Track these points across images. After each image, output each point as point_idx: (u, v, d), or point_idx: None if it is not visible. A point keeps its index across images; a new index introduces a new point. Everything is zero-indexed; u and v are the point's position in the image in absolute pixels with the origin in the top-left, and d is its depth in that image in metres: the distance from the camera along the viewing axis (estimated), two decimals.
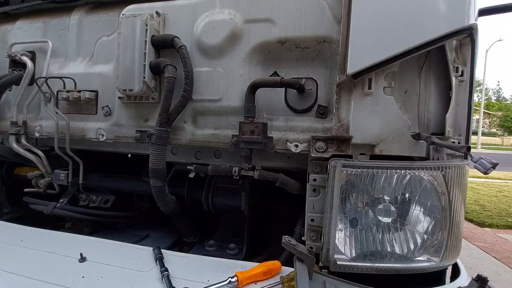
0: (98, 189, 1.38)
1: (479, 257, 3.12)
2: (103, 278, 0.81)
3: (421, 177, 0.79)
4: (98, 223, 1.39)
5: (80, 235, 1.13)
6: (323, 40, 0.92)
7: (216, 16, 1.01)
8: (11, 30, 1.32)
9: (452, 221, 0.79)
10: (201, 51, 1.03)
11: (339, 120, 0.87)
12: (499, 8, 1.19)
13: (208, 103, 1.03)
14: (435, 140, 0.76)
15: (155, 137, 0.99)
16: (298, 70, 0.96)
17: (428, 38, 0.77)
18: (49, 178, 1.29)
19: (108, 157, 1.32)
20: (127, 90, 1.02)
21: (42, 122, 1.25)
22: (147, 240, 1.32)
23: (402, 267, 0.80)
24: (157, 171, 1.01)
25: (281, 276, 0.81)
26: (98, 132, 1.15)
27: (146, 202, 1.55)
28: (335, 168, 0.80)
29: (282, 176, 0.99)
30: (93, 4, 1.24)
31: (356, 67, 0.81)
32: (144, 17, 1.00)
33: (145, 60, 1.01)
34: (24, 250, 0.95)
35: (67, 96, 1.14)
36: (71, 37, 1.22)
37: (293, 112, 0.97)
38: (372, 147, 0.84)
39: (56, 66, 1.23)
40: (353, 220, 0.82)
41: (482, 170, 0.64)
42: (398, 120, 0.82)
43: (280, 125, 0.97)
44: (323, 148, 0.87)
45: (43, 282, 0.79)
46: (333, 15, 0.90)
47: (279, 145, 0.95)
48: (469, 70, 0.86)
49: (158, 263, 0.87)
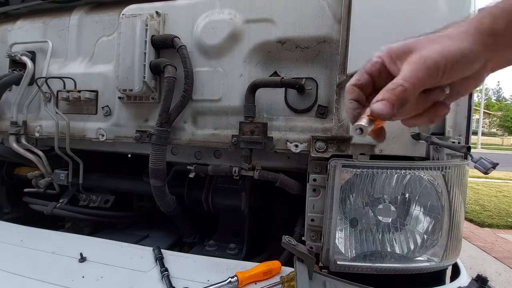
0: (98, 189, 1.38)
1: (479, 257, 3.12)
2: (103, 278, 0.81)
3: (421, 177, 0.79)
4: (98, 223, 1.39)
5: (80, 235, 1.13)
6: (323, 40, 0.92)
7: (216, 16, 1.01)
8: (11, 30, 1.32)
9: (452, 221, 0.79)
10: (201, 51, 1.03)
11: (339, 120, 0.87)
12: None
13: (208, 103, 1.03)
14: (435, 140, 0.76)
15: (155, 137, 0.99)
16: (298, 70, 0.96)
17: None
18: (49, 178, 1.29)
19: (108, 157, 1.32)
20: (127, 90, 1.02)
21: (42, 122, 1.25)
22: (147, 240, 1.31)
23: (402, 267, 0.80)
24: (157, 171, 1.01)
25: (281, 276, 0.81)
26: (98, 132, 1.15)
27: (146, 202, 1.55)
28: (335, 168, 0.80)
29: (282, 176, 0.99)
30: (93, 4, 1.24)
31: (356, 67, 0.81)
32: (144, 17, 1.00)
33: (145, 60, 1.01)
34: (24, 250, 0.95)
35: (67, 96, 1.14)
36: (71, 37, 1.22)
37: (293, 112, 0.97)
38: (372, 147, 0.84)
39: (56, 66, 1.23)
40: (353, 220, 0.82)
41: (482, 170, 0.64)
42: (398, 120, 0.82)
43: (280, 125, 0.97)
44: (323, 148, 0.87)
45: (43, 282, 0.79)
46: (333, 15, 0.90)
47: (279, 145, 0.95)
48: None
49: (158, 263, 0.87)
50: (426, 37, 0.42)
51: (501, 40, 0.39)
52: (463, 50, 0.39)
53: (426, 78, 0.40)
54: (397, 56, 0.43)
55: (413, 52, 0.41)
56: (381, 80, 0.45)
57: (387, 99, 0.40)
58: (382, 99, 0.40)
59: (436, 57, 0.39)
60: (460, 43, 0.39)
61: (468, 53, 0.39)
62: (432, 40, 0.41)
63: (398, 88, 0.39)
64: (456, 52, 0.39)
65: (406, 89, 0.39)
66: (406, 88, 0.39)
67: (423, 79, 0.40)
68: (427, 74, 0.39)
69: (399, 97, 0.39)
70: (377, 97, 0.41)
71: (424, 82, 0.40)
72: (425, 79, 0.40)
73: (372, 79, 0.46)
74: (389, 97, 0.40)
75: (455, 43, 0.39)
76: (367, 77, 0.46)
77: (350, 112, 0.47)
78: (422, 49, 0.40)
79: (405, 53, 0.42)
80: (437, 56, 0.39)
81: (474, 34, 0.39)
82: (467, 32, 0.40)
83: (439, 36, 0.41)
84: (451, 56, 0.39)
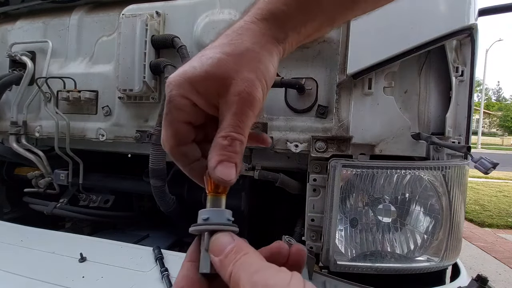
0: (98, 189, 1.38)
1: (479, 257, 3.12)
2: (103, 278, 0.81)
3: (421, 177, 0.79)
4: (98, 223, 1.39)
5: (80, 235, 1.13)
6: (323, 40, 0.92)
7: (216, 16, 1.01)
8: (11, 30, 1.32)
9: (452, 221, 0.79)
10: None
11: (339, 120, 0.87)
12: (499, 8, 1.19)
13: None
14: (435, 140, 0.76)
15: (155, 137, 0.99)
16: (298, 70, 0.96)
17: (428, 38, 0.77)
18: (49, 178, 1.28)
19: (108, 157, 1.32)
20: (127, 90, 1.02)
21: (42, 122, 1.25)
22: (147, 240, 1.31)
23: (402, 267, 0.80)
24: (157, 171, 1.01)
25: None
26: (98, 132, 1.15)
27: (146, 202, 1.55)
28: (335, 168, 0.80)
29: (282, 176, 0.99)
30: (93, 4, 1.24)
31: (356, 67, 0.81)
32: (144, 17, 1.00)
33: (145, 60, 1.01)
34: (24, 250, 0.95)
35: (67, 96, 1.14)
36: (71, 37, 1.22)
37: (293, 112, 0.97)
38: (372, 147, 0.84)
39: (56, 66, 1.23)
40: (353, 220, 0.82)
41: (482, 170, 0.64)
42: (398, 120, 0.82)
43: (280, 125, 0.97)
44: (323, 148, 0.87)
45: (43, 282, 0.79)
46: None
47: (279, 145, 0.95)
48: (469, 70, 0.86)
49: (158, 263, 0.87)
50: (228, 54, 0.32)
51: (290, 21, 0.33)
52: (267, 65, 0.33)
53: (254, 116, 0.33)
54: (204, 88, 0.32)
55: (230, 85, 0.31)
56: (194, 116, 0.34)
57: (229, 160, 0.31)
58: (220, 160, 0.31)
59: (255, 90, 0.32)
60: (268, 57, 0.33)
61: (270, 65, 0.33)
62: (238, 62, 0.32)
63: (234, 144, 0.31)
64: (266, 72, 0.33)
65: (243, 141, 0.32)
66: (242, 141, 0.32)
67: (252, 119, 0.33)
68: (254, 112, 0.32)
69: (239, 154, 0.32)
70: (213, 159, 0.31)
71: (253, 120, 0.33)
72: (254, 117, 0.33)
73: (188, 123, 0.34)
74: (228, 158, 0.31)
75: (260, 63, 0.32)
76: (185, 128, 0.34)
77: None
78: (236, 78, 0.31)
79: (212, 81, 0.32)
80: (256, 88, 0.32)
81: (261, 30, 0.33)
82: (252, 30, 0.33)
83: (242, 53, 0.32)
84: (266, 82, 0.33)
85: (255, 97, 0.32)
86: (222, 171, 0.31)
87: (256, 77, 0.32)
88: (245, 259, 0.26)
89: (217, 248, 0.28)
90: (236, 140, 0.31)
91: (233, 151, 0.31)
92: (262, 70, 0.32)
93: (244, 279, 0.24)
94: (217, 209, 0.32)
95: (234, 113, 0.31)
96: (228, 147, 0.31)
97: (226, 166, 0.31)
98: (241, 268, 0.26)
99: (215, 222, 0.31)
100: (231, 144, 0.31)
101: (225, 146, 0.31)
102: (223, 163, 0.31)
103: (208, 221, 0.31)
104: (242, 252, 0.27)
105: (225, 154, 0.31)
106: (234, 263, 0.26)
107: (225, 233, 0.30)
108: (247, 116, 0.32)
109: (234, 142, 0.31)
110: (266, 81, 0.33)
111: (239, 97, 0.31)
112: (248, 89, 0.31)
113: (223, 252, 0.27)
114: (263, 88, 0.33)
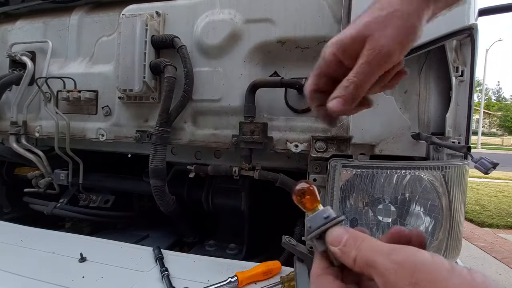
0: (98, 189, 1.38)
1: (479, 257, 3.12)
2: (103, 278, 0.81)
3: (421, 177, 0.79)
4: (98, 223, 1.39)
5: (80, 235, 1.13)
6: (323, 40, 0.92)
7: (216, 16, 1.01)
8: (11, 30, 1.32)
9: (452, 221, 0.79)
10: (201, 51, 1.03)
11: (339, 120, 0.87)
12: (499, 8, 1.19)
13: (208, 103, 1.03)
14: (435, 140, 0.76)
15: (155, 137, 0.99)
16: (298, 70, 0.96)
17: (428, 38, 0.77)
18: (49, 178, 1.29)
19: (108, 157, 1.32)
20: (127, 90, 1.02)
21: (42, 122, 1.25)
22: (147, 240, 1.32)
23: None
24: (157, 171, 1.01)
25: (281, 276, 0.81)
26: (98, 132, 1.15)
27: (146, 202, 1.55)
28: (335, 168, 0.80)
29: (282, 176, 0.99)
30: (93, 4, 1.24)
31: None
32: (144, 17, 1.00)
33: (145, 60, 1.01)
34: (24, 250, 0.95)
35: (67, 96, 1.14)
36: (71, 37, 1.22)
37: (293, 112, 0.97)
38: (372, 147, 0.84)
39: (56, 66, 1.23)
40: (353, 220, 0.82)
41: (482, 170, 0.64)
42: (398, 120, 0.82)
43: (280, 125, 0.97)
44: (323, 148, 0.87)
45: (43, 282, 0.79)
46: (333, 15, 0.90)
47: (279, 145, 0.95)
48: (469, 70, 0.86)
49: (158, 263, 0.87)
50: (375, 18, 0.38)
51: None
52: (415, 24, 0.37)
53: (381, 69, 0.39)
54: (351, 49, 0.40)
55: (366, 41, 0.38)
56: (340, 71, 0.42)
57: (341, 96, 0.40)
58: (336, 97, 0.40)
59: (390, 45, 0.37)
60: (409, 19, 0.37)
61: (418, 24, 0.38)
62: (382, 21, 0.38)
63: (350, 86, 0.39)
64: (410, 31, 0.38)
65: (358, 85, 0.39)
66: (358, 85, 0.39)
67: (377, 71, 0.39)
68: (381, 65, 0.38)
69: (352, 94, 0.39)
70: (332, 95, 0.41)
71: (379, 73, 0.39)
72: (380, 70, 0.39)
73: (330, 76, 0.44)
74: (342, 95, 0.40)
75: (405, 22, 0.37)
76: (324, 79, 0.44)
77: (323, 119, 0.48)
78: (375, 35, 0.38)
79: (358, 43, 0.39)
80: (392, 44, 0.37)
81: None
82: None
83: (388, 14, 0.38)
84: (406, 39, 0.38)
85: (386, 51, 0.37)
86: (333, 103, 0.40)
87: (397, 33, 0.37)
88: (368, 243, 0.29)
89: (335, 239, 0.32)
90: (353, 83, 0.39)
91: (346, 91, 0.39)
92: (406, 27, 0.37)
93: (381, 261, 0.26)
94: (313, 214, 0.36)
95: (361, 63, 0.38)
96: (345, 88, 0.39)
97: (338, 101, 0.40)
98: (368, 251, 0.28)
99: (320, 224, 0.34)
100: (348, 85, 0.39)
101: (343, 87, 0.40)
102: (336, 98, 0.40)
103: (311, 228, 0.35)
104: (360, 238, 0.30)
105: (339, 91, 0.40)
106: (357, 248, 0.29)
107: (336, 226, 0.33)
108: (371, 66, 0.38)
109: (351, 84, 0.39)
110: (408, 37, 0.38)
111: (370, 51, 0.38)
112: (380, 44, 0.37)
113: (341, 242, 0.31)
114: (400, 43, 0.38)
